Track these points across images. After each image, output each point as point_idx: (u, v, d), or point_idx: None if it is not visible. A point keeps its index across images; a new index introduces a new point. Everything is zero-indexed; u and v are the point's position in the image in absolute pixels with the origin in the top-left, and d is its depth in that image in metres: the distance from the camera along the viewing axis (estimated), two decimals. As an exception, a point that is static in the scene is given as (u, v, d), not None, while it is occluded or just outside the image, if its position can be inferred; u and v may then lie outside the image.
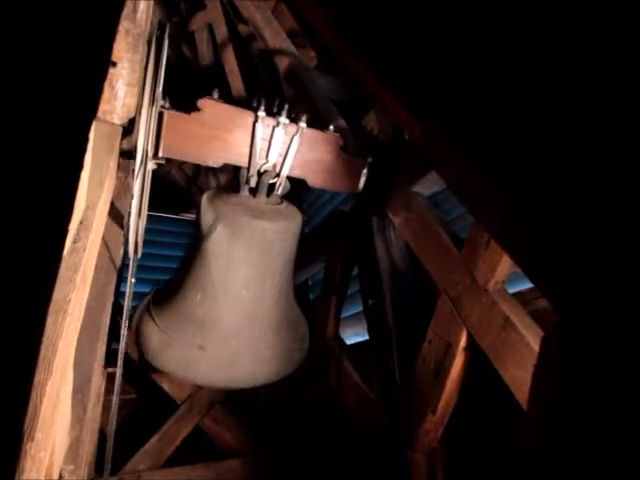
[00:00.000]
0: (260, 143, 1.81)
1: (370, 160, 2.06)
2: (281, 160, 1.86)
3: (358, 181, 2.09)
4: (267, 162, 1.84)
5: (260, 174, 1.86)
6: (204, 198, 1.90)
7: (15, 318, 0.63)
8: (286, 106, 1.80)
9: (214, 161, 1.82)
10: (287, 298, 2.09)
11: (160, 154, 1.67)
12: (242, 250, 1.84)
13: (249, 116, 1.78)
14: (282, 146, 1.84)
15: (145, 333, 1.96)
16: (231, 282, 1.89)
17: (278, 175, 1.87)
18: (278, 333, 2.02)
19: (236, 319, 1.94)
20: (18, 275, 0.64)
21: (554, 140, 0.48)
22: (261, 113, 1.77)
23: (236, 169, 1.89)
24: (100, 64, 0.84)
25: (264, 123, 1.78)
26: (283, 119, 1.79)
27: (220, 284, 1.89)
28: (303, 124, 1.84)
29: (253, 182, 1.86)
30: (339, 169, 2.02)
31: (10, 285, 0.63)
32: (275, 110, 1.82)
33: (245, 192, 1.88)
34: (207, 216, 1.85)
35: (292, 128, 1.84)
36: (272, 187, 1.90)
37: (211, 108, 1.74)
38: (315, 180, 2.00)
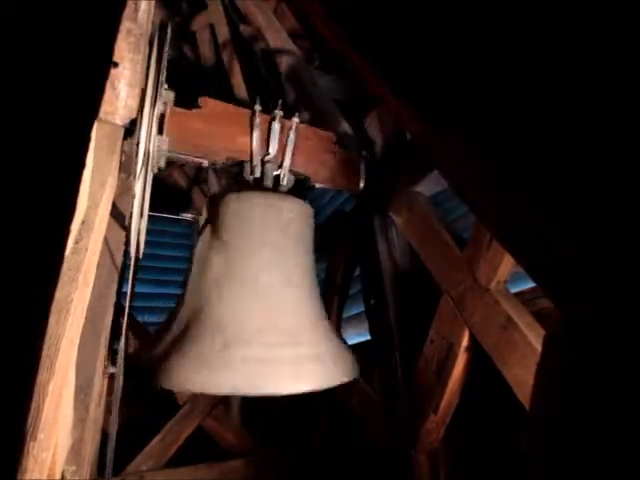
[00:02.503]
0: (259, 135, 1.89)
1: (364, 153, 2.10)
2: (281, 152, 1.93)
3: (358, 179, 2.11)
4: (268, 154, 1.90)
5: (263, 164, 1.90)
6: (210, 199, 1.92)
7: (17, 318, 0.63)
8: (280, 101, 1.92)
9: (217, 156, 1.85)
10: (312, 293, 1.87)
11: (163, 147, 1.70)
12: (259, 232, 1.76)
13: (247, 111, 1.89)
14: (281, 138, 1.93)
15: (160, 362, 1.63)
16: (248, 271, 1.71)
17: (281, 166, 1.92)
18: (316, 330, 1.77)
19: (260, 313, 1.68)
20: (20, 275, 0.64)
21: (557, 139, 0.48)
22: (257, 107, 1.88)
23: (239, 171, 1.91)
24: (102, 64, 0.84)
25: (261, 117, 1.88)
26: (278, 111, 1.90)
27: (237, 275, 1.72)
28: (296, 119, 1.95)
29: (257, 172, 1.89)
30: (340, 167, 2.04)
31: (12, 285, 0.63)
32: (271, 106, 1.91)
33: (251, 187, 1.92)
34: (217, 210, 1.82)
35: (288, 123, 1.95)
36: (277, 183, 1.94)
37: (211, 106, 1.83)
38: (316, 177, 2.03)
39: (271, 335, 1.62)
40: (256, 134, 1.89)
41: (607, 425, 0.42)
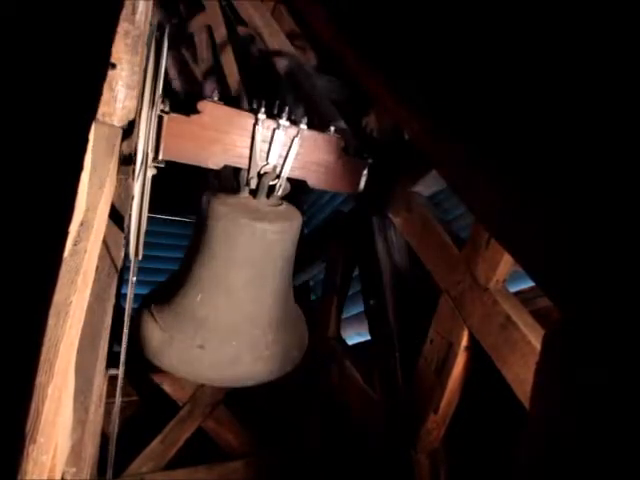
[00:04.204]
0: (260, 145, 1.81)
1: (370, 161, 2.06)
2: (281, 162, 1.86)
3: (359, 182, 2.09)
4: (267, 164, 1.84)
5: (260, 175, 1.86)
6: (204, 199, 1.90)
7: (16, 320, 0.63)
8: (286, 108, 1.81)
9: (214, 163, 1.81)
10: (286, 298, 2.10)
11: (160, 157, 1.67)
12: (243, 251, 1.84)
13: (249, 118, 1.78)
14: (282, 148, 1.85)
15: (146, 332, 1.96)
16: (231, 282, 1.90)
17: (278, 177, 1.87)
18: (277, 332, 2.03)
19: (236, 319, 1.95)
20: (18, 277, 0.64)
21: (555, 139, 0.48)
22: (261, 115, 1.77)
23: (236, 170, 1.89)
24: (99, 66, 0.84)
25: (264, 125, 1.79)
26: (283, 121, 1.80)
27: (220, 284, 1.90)
28: (303, 126, 1.85)
29: (253, 183, 1.86)
30: (339, 170, 2.02)
31: (10, 287, 0.63)
32: (275, 112, 1.82)
33: (245, 193, 1.89)
34: (208, 217, 1.85)
35: (292, 130, 1.84)
36: (272, 188, 1.90)
37: (211, 110, 1.74)
38: (315, 181, 2.00)
39: (242, 338, 1.96)
40: (258, 144, 1.80)
41: (607, 424, 0.42)
